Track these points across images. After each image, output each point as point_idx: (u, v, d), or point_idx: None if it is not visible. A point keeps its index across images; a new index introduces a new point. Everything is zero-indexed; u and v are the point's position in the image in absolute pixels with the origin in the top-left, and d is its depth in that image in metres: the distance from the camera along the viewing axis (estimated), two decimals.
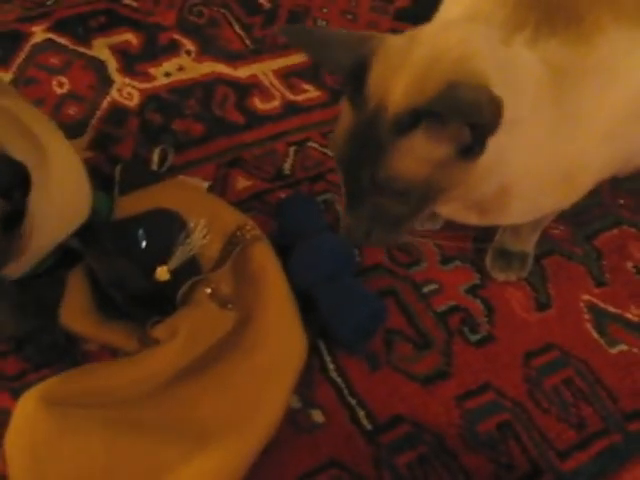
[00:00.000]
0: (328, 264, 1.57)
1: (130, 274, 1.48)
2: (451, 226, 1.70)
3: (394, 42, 1.17)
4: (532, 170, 1.28)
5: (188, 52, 2.14)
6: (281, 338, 1.50)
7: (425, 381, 1.55)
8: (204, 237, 1.56)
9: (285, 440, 1.44)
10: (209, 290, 1.52)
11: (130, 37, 2.14)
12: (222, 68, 2.10)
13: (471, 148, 1.13)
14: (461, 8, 1.37)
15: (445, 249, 1.72)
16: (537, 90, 1.21)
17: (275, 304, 1.53)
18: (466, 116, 1.09)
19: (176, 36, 2.18)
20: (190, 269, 1.55)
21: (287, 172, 1.87)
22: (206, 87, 2.06)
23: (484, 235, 1.74)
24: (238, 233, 1.60)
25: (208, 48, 2.16)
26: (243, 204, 1.78)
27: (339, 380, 1.54)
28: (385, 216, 1.21)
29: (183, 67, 2.08)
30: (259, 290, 1.55)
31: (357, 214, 1.22)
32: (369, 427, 1.48)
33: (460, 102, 1.06)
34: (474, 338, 1.63)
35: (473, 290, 1.70)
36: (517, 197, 1.32)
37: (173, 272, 1.54)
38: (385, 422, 1.50)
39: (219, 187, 1.83)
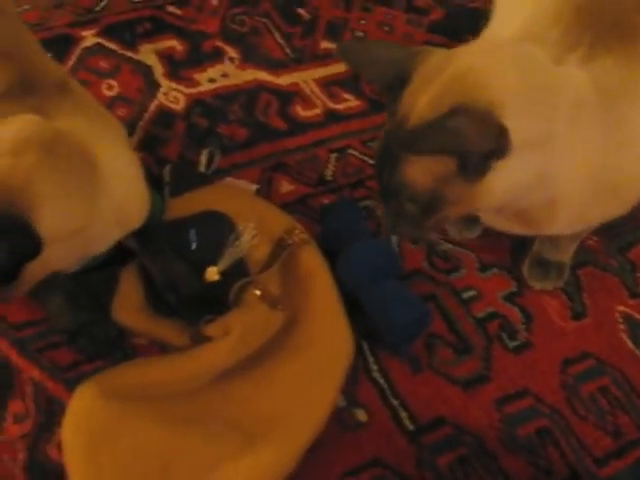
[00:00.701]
0: (374, 267, 1.59)
1: (185, 277, 1.50)
2: (488, 235, 1.71)
3: (434, 58, 1.21)
4: (580, 184, 1.29)
5: (231, 59, 2.16)
6: (329, 338, 1.51)
7: (465, 384, 1.56)
8: (252, 239, 1.57)
9: (330, 438, 1.45)
10: (258, 292, 1.53)
11: (175, 44, 2.17)
12: (264, 76, 2.13)
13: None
14: (513, 27, 1.39)
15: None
16: (583, 108, 1.23)
17: (324, 305, 1.54)
18: (451, 144, 1.14)
19: (219, 44, 2.20)
20: (238, 270, 1.57)
21: (329, 178, 1.89)
22: (249, 94, 2.08)
23: (520, 245, 1.72)
24: (287, 236, 1.62)
25: (250, 56, 2.19)
26: (287, 208, 1.79)
27: (382, 381, 1.56)
28: (404, 214, 1.25)
29: (227, 74, 2.10)
30: (307, 292, 1.57)
31: (385, 209, 1.30)
32: (411, 427, 1.50)
33: (448, 131, 1.11)
34: (512, 344, 1.64)
35: (511, 297, 1.71)
36: (565, 209, 1.34)
37: (222, 273, 1.56)
38: (427, 423, 1.51)
39: (264, 190, 1.85)
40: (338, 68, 2.15)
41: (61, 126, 1.25)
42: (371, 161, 1.88)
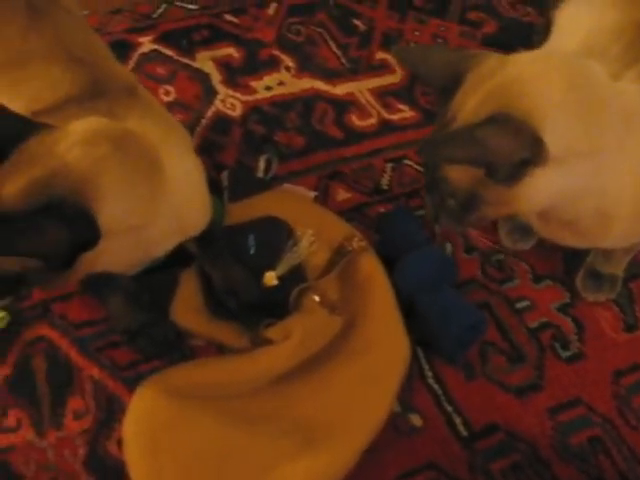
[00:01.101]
0: (431, 275, 1.64)
1: (244, 282, 1.55)
2: (542, 246, 1.74)
3: (487, 63, 1.26)
4: (632, 197, 1.33)
5: (287, 68, 2.21)
6: (386, 343, 1.56)
7: (518, 392, 1.60)
8: (311, 245, 1.62)
9: (386, 442, 1.50)
10: (317, 297, 1.58)
11: (232, 51, 2.23)
12: (320, 85, 2.18)
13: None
14: (574, 42, 1.43)
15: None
16: (635, 123, 1.28)
17: (381, 311, 1.59)
18: (474, 156, 1.18)
19: (276, 52, 2.26)
20: (296, 276, 1.62)
21: (385, 187, 1.94)
22: (306, 102, 2.13)
23: (573, 257, 1.75)
24: (346, 243, 1.66)
25: (307, 65, 2.24)
26: (343, 215, 1.84)
27: (436, 387, 1.59)
28: (445, 207, 1.29)
29: (283, 82, 2.16)
30: (365, 298, 1.61)
31: (430, 198, 1.34)
32: (465, 433, 1.53)
33: (472, 140, 1.14)
34: (565, 354, 1.67)
35: (564, 308, 1.74)
36: (617, 222, 1.38)
37: (280, 278, 1.60)
38: (480, 429, 1.55)
39: (321, 198, 1.89)
40: (393, 79, 2.20)
41: (130, 127, 1.29)
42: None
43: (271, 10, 2.40)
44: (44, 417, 1.49)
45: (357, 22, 2.38)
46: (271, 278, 1.59)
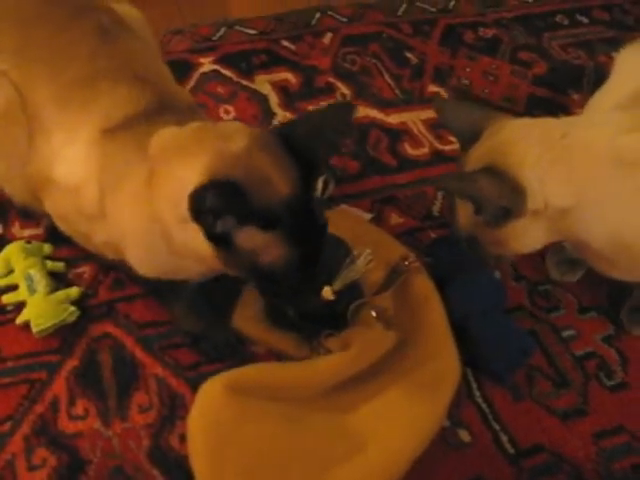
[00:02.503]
0: (482, 299, 1.75)
1: (304, 294, 1.67)
2: (588, 279, 1.87)
3: (495, 126, 1.54)
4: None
5: (343, 95, 2.35)
6: (439, 360, 1.66)
7: (564, 416, 1.70)
8: (368, 264, 1.70)
9: (435, 454, 1.59)
10: (374, 312, 1.69)
11: (289, 76, 2.38)
12: (375, 113, 2.32)
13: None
14: (631, 87, 1.61)
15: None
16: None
17: (434, 329, 1.70)
18: (466, 191, 1.50)
19: (331, 79, 2.41)
20: (353, 291, 1.71)
21: (436, 214, 2.06)
22: (361, 129, 2.27)
23: (619, 291, 1.88)
24: (402, 263, 1.78)
25: (361, 93, 2.39)
26: (396, 238, 1.95)
27: (484, 406, 1.69)
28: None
29: None
30: (419, 316, 1.73)
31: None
32: (511, 451, 1.63)
33: (467, 180, 1.48)
34: (609, 383, 1.77)
35: (608, 340, 1.85)
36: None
37: (337, 292, 1.65)
38: (526, 448, 1.64)
39: (375, 220, 2.02)
40: None
41: None
42: None
43: (326, 39, 2.55)
44: (110, 408, 1.59)
45: (409, 55, 2.53)
46: (328, 293, 1.63)
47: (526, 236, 1.48)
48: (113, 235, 1.50)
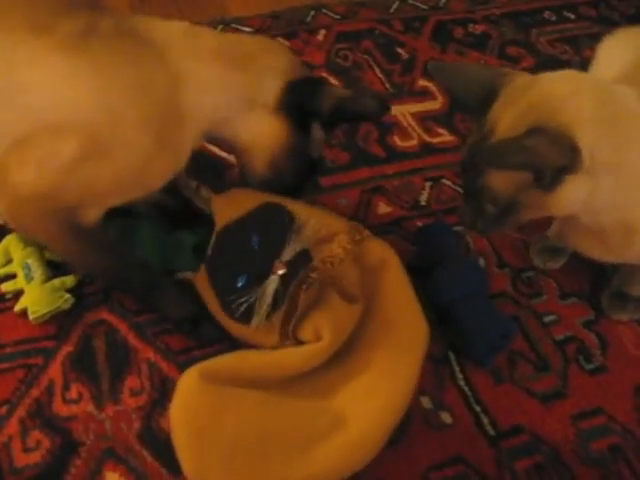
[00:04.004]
0: (465, 284, 1.73)
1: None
2: (571, 266, 1.85)
3: (519, 81, 1.40)
4: None
5: None
6: (406, 322, 1.62)
7: (543, 398, 1.68)
8: (318, 231, 1.58)
9: (417, 436, 1.59)
10: (335, 289, 1.61)
11: None
12: None
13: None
14: (614, 72, 1.57)
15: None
16: None
17: (397, 292, 1.66)
18: (528, 162, 1.31)
19: (324, 74, 2.39)
20: (304, 262, 1.55)
21: (423, 203, 2.05)
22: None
23: (600, 277, 1.87)
24: (355, 232, 1.66)
25: (353, 87, 2.37)
26: (383, 227, 1.96)
27: (466, 388, 1.68)
28: (484, 213, 1.42)
29: None
30: (381, 280, 1.67)
31: (467, 206, 1.48)
32: (492, 432, 1.62)
33: (526, 150, 1.27)
34: (588, 367, 1.76)
35: (588, 324, 1.83)
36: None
37: (288, 264, 1.53)
38: (506, 430, 1.63)
39: (363, 210, 2.01)
40: (433, 105, 2.33)
41: None
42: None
43: (320, 36, 2.54)
44: (103, 392, 1.58)
45: (400, 50, 2.51)
46: (280, 267, 1.52)
47: (572, 196, 1.34)
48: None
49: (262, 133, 1.56)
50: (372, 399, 1.51)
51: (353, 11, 2.65)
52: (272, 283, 1.48)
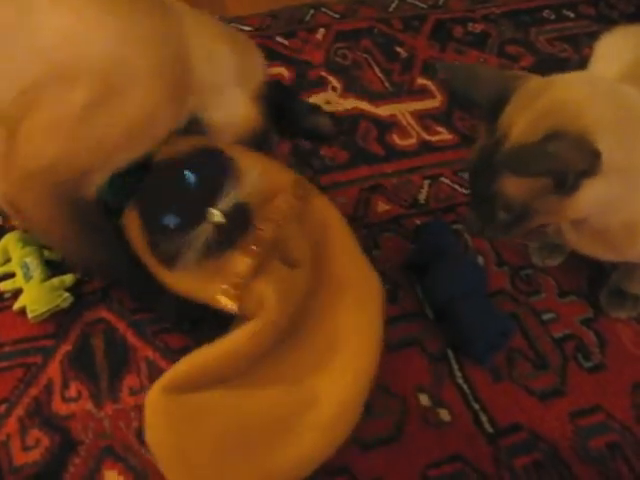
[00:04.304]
0: (464, 282, 1.72)
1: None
2: (569, 264, 1.85)
3: (532, 84, 1.36)
4: None
5: (334, 88, 2.33)
6: (358, 283, 1.57)
7: (542, 396, 1.67)
8: (258, 182, 1.46)
9: (416, 433, 1.58)
10: (278, 254, 1.48)
11: (283, 70, 2.37)
12: (364, 105, 2.30)
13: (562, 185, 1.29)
14: (613, 70, 1.55)
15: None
16: None
17: (345, 252, 1.60)
18: (552, 167, 1.28)
19: (323, 73, 2.39)
20: (242, 216, 1.45)
21: (422, 201, 2.04)
22: (350, 120, 2.24)
23: (598, 275, 1.86)
24: (299, 187, 1.56)
25: (352, 86, 2.36)
26: (382, 225, 1.96)
27: (465, 386, 1.67)
28: (494, 219, 1.40)
29: (330, 101, 2.28)
30: (326, 241, 1.59)
31: (475, 212, 1.44)
32: (490, 430, 1.61)
33: (548, 155, 1.25)
34: (587, 365, 1.75)
35: (587, 322, 1.83)
36: None
37: (226, 216, 1.41)
38: (505, 427, 1.62)
39: (362, 207, 2.01)
40: (432, 103, 2.32)
41: None
42: (461, 189, 2.03)
43: (319, 35, 2.53)
44: (102, 390, 1.57)
45: (399, 49, 2.50)
46: (216, 215, 1.40)
47: (588, 199, 1.31)
48: None
49: (238, 114, 1.57)
50: (340, 371, 1.47)
51: (352, 10, 2.64)
52: (205, 231, 1.37)
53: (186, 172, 1.40)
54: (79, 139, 1.32)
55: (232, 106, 1.56)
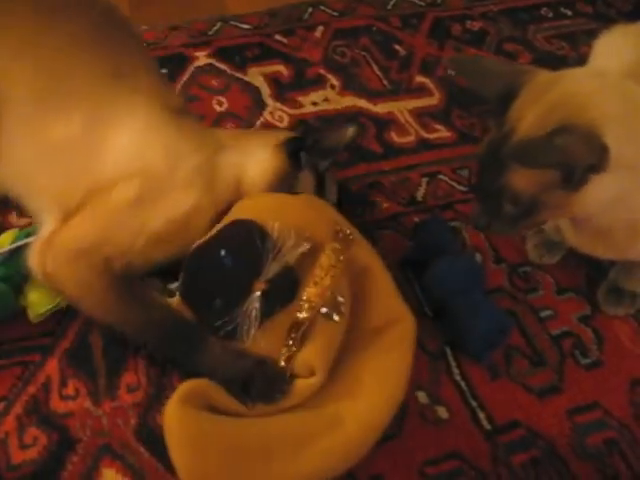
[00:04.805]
0: (462, 279, 1.71)
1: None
2: (567, 261, 1.84)
3: (541, 78, 1.36)
4: None
5: (332, 86, 2.32)
6: (393, 321, 1.59)
7: (539, 393, 1.66)
8: (299, 246, 1.46)
9: (414, 431, 1.58)
10: (324, 310, 1.46)
11: (281, 68, 2.35)
12: (363, 103, 2.29)
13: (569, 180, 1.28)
14: (612, 67, 1.53)
15: None
16: None
17: (382, 295, 1.61)
18: (559, 160, 1.27)
19: (322, 71, 2.37)
20: (290, 281, 1.47)
21: (420, 199, 2.03)
22: (348, 118, 2.23)
23: (596, 272, 1.85)
24: (341, 239, 1.53)
25: (350, 84, 2.35)
26: (380, 223, 1.95)
27: (463, 384, 1.66)
28: (501, 213, 1.39)
29: (328, 99, 2.27)
30: (365, 286, 1.60)
31: (482, 206, 1.43)
32: (488, 427, 1.60)
33: (556, 148, 1.25)
34: (584, 361, 1.74)
35: (584, 319, 1.82)
36: None
37: (270, 282, 1.43)
38: (502, 425, 1.61)
39: (360, 205, 1.98)
40: (430, 101, 2.30)
41: None
42: (460, 187, 2.02)
43: (318, 33, 2.51)
44: (100, 388, 1.56)
45: (398, 47, 2.48)
46: (259, 286, 1.42)
47: (596, 195, 1.31)
48: None
49: (263, 167, 1.63)
50: (366, 398, 1.49)
51: (351, 8, 2.62)
52: (253, 301, 1.39)
53: (222, 251, 1.44)
54: (123, 222, 1.49)
55: (255, 164, 1.65)
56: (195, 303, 1.46)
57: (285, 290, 1.42)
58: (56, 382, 1.57)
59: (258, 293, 1.39)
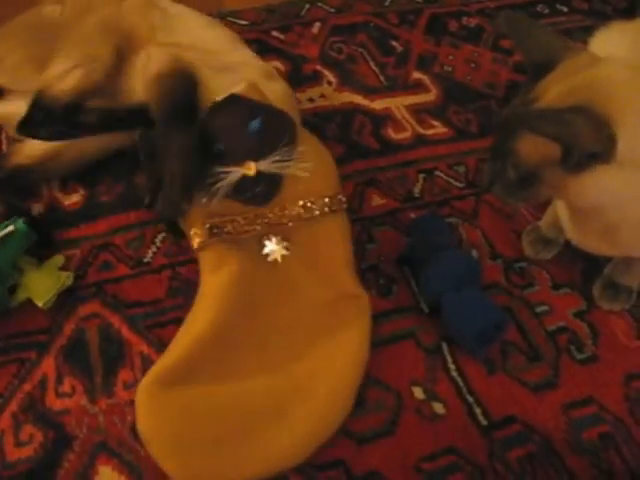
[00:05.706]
0: (458, 275, 1.69)
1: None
2: (563, 257, 1.82)
3: (580, 58, 1.34)
4: None
5: (329, 82, 2.29)
6: (347, 294, 1.64)
7: (535, 388, 1.65)
8: (300, 170, 1.55)
9: (410, 427, 1.56)
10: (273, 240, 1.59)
11: (278, 64, 2.32)
12: (359, 99, 2.26)
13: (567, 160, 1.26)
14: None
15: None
16: None
17: (337, 266, 1.66)
18: (561, 134, 1.24)
19: (318, 67, 2.35)
20: (271, 187, 1.55)
21: (416, 195, 2.00)
22: (345, 114, 2.21)
23: (591, 268, 1.83)
24: (338, 198, 1.69)
25: (347, 80, 2.32)
26: (377, 219, 1.93)
27: (459, 379, 1.64)
28: (504, 177, 1.37)
29: (325, 95, 2.24)
30: (323, 250, 1.65)
31: (491, 165, 1.43)
32: (484, 422, 1.58)
33: (563, 122, 1.23)
34: (580, 356, 1.72)
35: (580, 314, 1.79)
36: None
37: (258, 175, 1.49)
38: (499, 420, 1.60)
39: (357, 201, 1.96)
40: (427, 97, 2.28)
41: None
42: (456, 183, 2.00)
43: (315, 29, 2.48)
44: (96, 385, 1.55)
45: (395, 43, 2.46)
46: (250, 168, 1.49)
47: (597, 186, 1.28)
48: None
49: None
50: (336, 366, 1.52)
51: (348, 4, 2.60)
52: (234, 177, 1.47)
53: (257, 118, 1.48)
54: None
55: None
56: (204, 134, 1.51)
57: (259, 192, 1.50)
58: (52, 379, 1.55)
59: (240, 172, 1.46)
